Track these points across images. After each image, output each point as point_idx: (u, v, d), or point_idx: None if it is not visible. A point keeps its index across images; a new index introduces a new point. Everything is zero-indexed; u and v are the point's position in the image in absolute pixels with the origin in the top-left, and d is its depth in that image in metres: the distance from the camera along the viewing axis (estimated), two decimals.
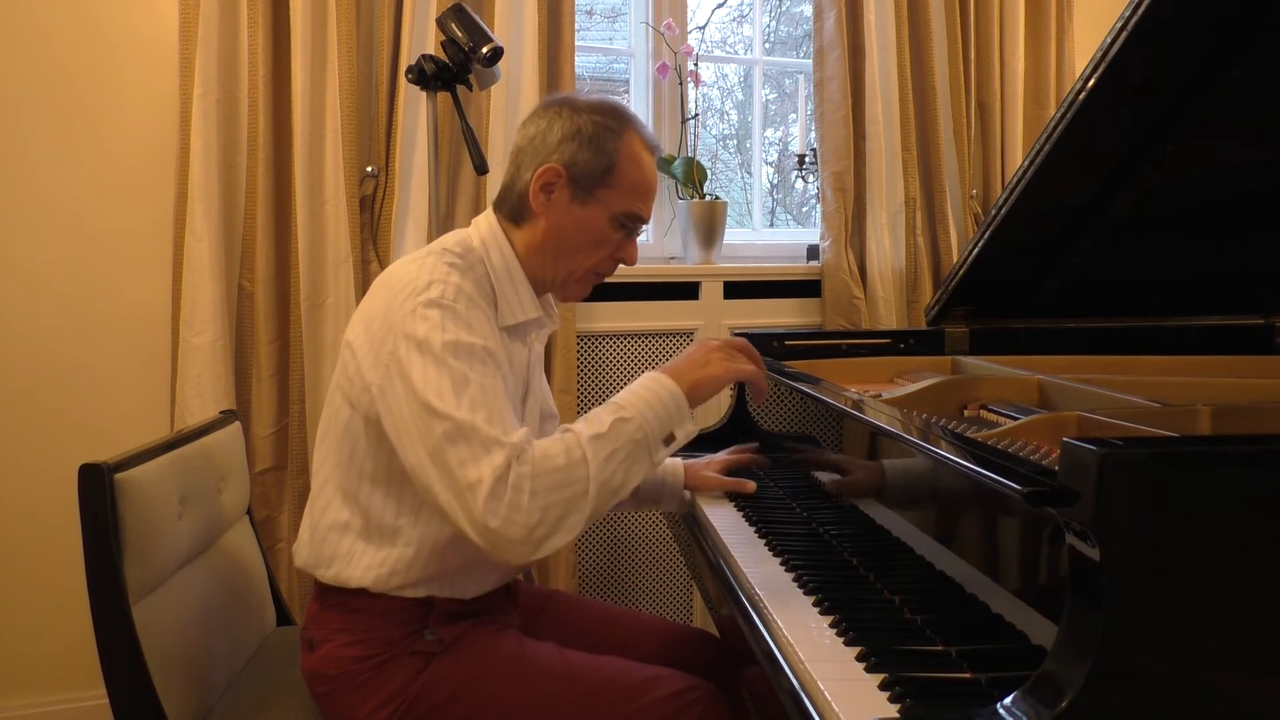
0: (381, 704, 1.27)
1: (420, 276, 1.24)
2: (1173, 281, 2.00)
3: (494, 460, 1.13)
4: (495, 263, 1.33)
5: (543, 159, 1.30)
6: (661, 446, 1.22)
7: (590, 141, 1.29)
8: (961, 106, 2.72)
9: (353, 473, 1.29)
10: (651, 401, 1.22)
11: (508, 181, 1.36)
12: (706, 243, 2.60)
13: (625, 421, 1.20)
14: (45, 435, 2.18)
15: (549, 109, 1.33)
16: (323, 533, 1.31)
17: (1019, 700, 0.81)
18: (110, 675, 1.24)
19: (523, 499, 1.12)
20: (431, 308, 1.20)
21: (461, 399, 1.15)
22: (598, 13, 3.06)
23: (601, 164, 1.29)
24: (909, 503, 1.29)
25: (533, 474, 1.13)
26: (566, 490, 1.15)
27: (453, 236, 1.35)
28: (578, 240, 1.33)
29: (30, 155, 2.15)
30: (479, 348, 1.20)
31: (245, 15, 2.15)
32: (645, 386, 1.24)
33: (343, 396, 1.30)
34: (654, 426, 1.21)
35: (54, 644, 2.18)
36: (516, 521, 1.12)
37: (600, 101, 1.33)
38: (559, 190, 1.30)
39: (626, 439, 1.19)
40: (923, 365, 1.95)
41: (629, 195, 1.32)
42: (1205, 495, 0.81)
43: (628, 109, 1.36)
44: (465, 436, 1.13)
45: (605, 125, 1.30)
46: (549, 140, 1.30)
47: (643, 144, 1.33)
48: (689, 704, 1.25)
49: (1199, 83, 1.54)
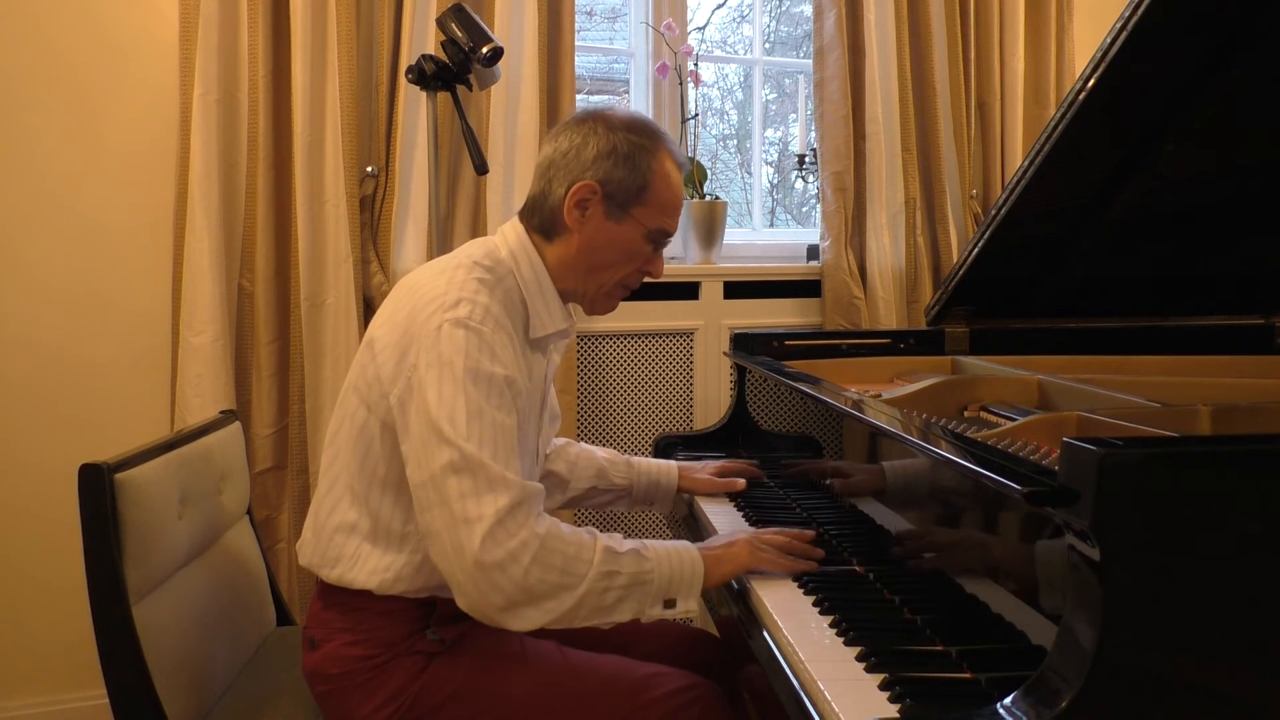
0: (383, 703, 1.27)
1: (449, 292, 1.23)
2: (1172, 281, 2.00)
3: (498, 500, 1.14)
4: (525, 275, 1.33)
5: (577, 175, 1.30)
6: (659, 603, 1.23)
7: (626, 160, 1.30)
8: (961, 106, 2.72)
9: (364, 475, 1.29)
10: (673, 560, 1.24)
11: (537, 194, 1.35)
12: (706, 243, 2.60)
13: (642, 559, 1.22)
14: (45, 435, 2.18)
15: (583, 124, 1.33)
16: (329, 533, 1.31)
17: (1019, 700, 0.81)
18: (110, 675, 1.24)
19: (524, 556, 1.14)
20: (458, 328, 1.20)
21: (472, 430, 1.16)
22: (598, 13, 3.06)
23: (636, 182, 1.30)
24: (909, 503, 1.29)
25: (542, 543, 1.15)
26: (561, 576, 1.16)
27: (479, 247, 1.34)
28: (610, 256, 1.34)
29: (30, 155, 2.15)
30: (499, 378, 1.20)
31: (245, 15, 2.15)
32: (675, 547, 1.27)
33: (359, 399, 1.29)
34: (663, 582, 1.23)
35: (54, 644, 2.18)
36: (510, 572, 1.13)
37: (634, 119, 1.34)
38: (593, 207, 1.31)
39: (632, 574, 1.21)
40: (923, 365, 1.95)
41: (660, 212, 1.34)
42: (1205, 495, 0.81)
43: (659, 127, 1.37)
44: (470, 470, 1.14)
45: (640, 144, 1.31)
46: (584, 157, 1.30)
47: (674, 162, 1.35)
48: (689, 702, 1.25)
49: (1198, 83, 1.54)
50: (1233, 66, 1.50)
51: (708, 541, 1.33)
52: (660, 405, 2.56)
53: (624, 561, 1.20)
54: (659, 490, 1.72)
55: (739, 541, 1.30)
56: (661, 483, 1.72)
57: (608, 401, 2.53)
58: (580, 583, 1.17)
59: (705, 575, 1.25)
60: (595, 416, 2.52)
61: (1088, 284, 2.00)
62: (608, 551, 1.20)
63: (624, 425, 2.54)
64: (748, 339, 2.14)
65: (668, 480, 1.72)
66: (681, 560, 1.25)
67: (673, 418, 2.58)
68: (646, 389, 2.56)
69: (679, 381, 2.58)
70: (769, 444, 1.98)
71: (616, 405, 2.54)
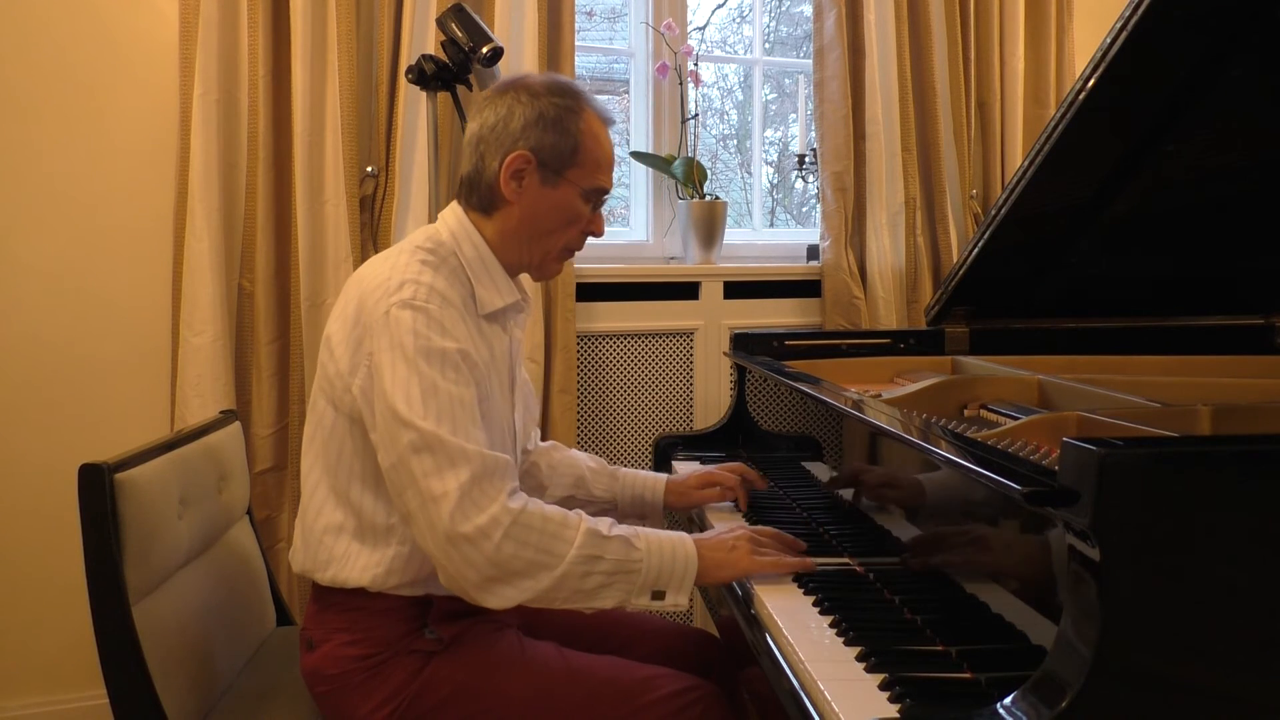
0: (381, 703, 1.27)
1: (393, 277, 1.25)
2: (1172, 281, 2.00)
3: (460, 475, 1.15)
4: (468, 253, 1.34)
5: (509, 147, 1.31)
6: (646, 594, 1.22)
7: (554, 124, 1.31)
8: (961, 106, 2.72)
9: (342, 474, 1.30)
10: (665, 552, 1.23)
11: (471, 172, 1.35)
12: (706, 243, 2.60)
13: (631, 547, 1.21)
14: (45, 435, 2.18)
15: (504, 95, 1.33)
16: (317, 536, 1.31)
17: (1019, 700, 0.81)
18: (110, 675, 1.24)
19: (495, 531, 1.14)
20: (405, 309, 1.21)
21: (428, 407, 1.17)
22: (598, 13, 3.06)
23: (568, 145, 1.31)
24: (909, 502, 1.29)
25: (515, 519, 1.15)
26: (537, 554, 1.16)
27: (421, 233, 1.36)
28: (552, 221, 1.35)
29: (30, 154, 2.14)
30: (452, 352, 1.21)
31: (245, 15, 2.15)
32: (670, 538, 1.25)
33: (325, 400, 1.30)
34: (652, 573, 1.22)
35: (54, 644, 2.18)
36: (482, 547, 1.14)
37: (553, 81, 1.35)
38: (529, 176, 1.31)
39: (618, 561, 1.20)
40: (923, 365, 1.95)
41: (594, 170, 1.34)
42: (1205, 495, 0.81)
43: (579, 86, 1.37)
44: (430, 448, 1.15)
45: (565, 106, 1.32)
46: (512, 127, 1.31)
47: (599, 119, 1.36)
48: (689, 703, 1.25)
49: (1199, 83, 1.54)
50: (1233, 66, 1.50)
51: (706, 534, 1.31)
52: (660, 405, 2.56)
53: (610, 547, 1.20)
54: (644, 505, 1.65)
55: (740, 547, 1.28)
56: (646, 499, 1.65)
57: (608, 401, 2.53)
58: (559, 563, 1.17)
59: (701, 574, 1.25)
60: (595, 417, 2.52)
61: (1088, 284, 2.00)
62: (591, 534, 1.19)
63: (624, 425, 2.54)
64: (748, 339, 2.14)
65: (653, 497, 1.65)
66: (675, 553, 1.24)
67: (673, 418, 2.58)
68: (646, 389, 2.55)
69: (679, 381, 2.58)
70: (769, 444, 1.98)
71: (616, 405, 2.54)
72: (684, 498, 1.66)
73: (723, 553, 1.28)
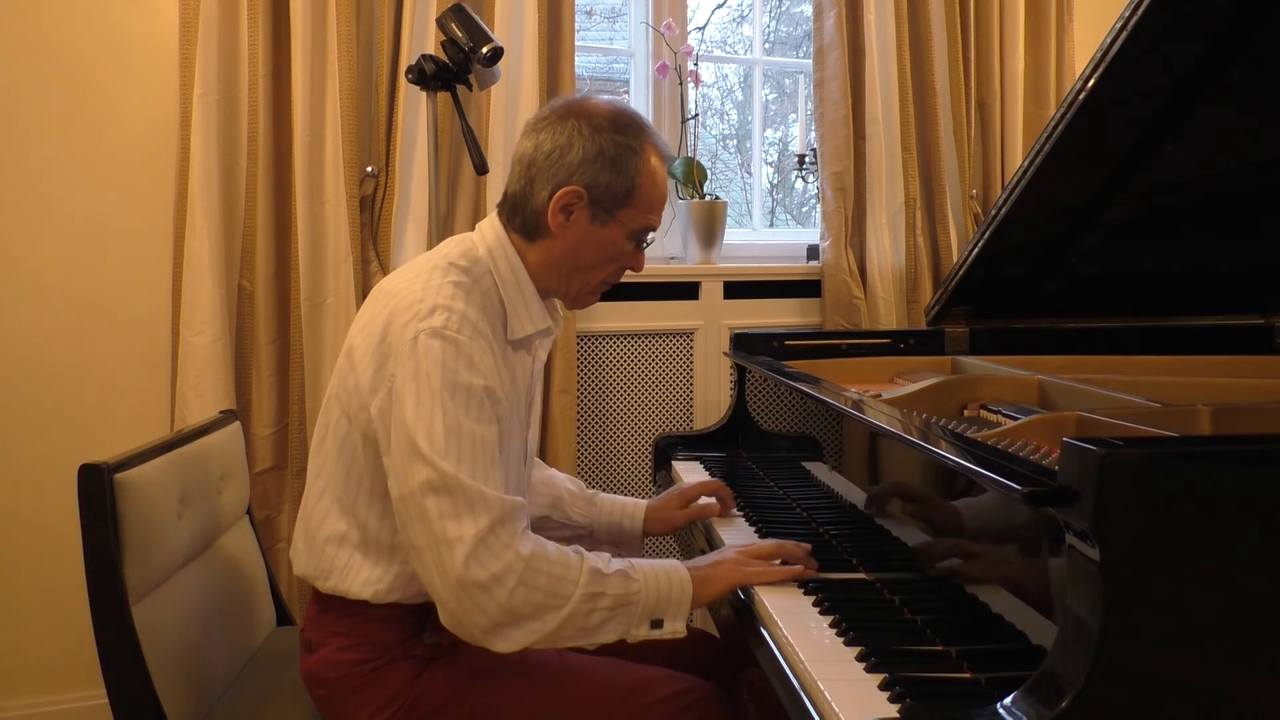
0: (380, 707, 1.27)
1: (425, 299, 1.21)
2: (1172, 281, 2.00)
3: (478, 521, 1.13)
4: (504, 274, 1.30)
5: (562, 180, 1.26)
6: (645, 624, 1.21)
7: (612, 163, 1.26)
8: (961, 106, 2.72)
9: (350, 487, 1.28)
10: (661, 581, 1.22)
11: (518, 194, 1.30)
12: (706, 243, 2.60)
13: (629, 580, 1.20)
14: (45, 435, 2.18)
15: (565, 122, 1.27)
16: (320, 544, 1.30)
17: (1019, 700, 0.81)
18: (110, 675, 1.24)
19: (509, 579, 1.13)
20: (435, 339, 1.18)
21: (450, 446, 1.14)
22: (598, 13, 3.06)
23: (623, 185, 1.27)
24: (909, 502, 1.29)
25: (527, 564, 1.14)
26: (546, 597, 1.15)
27: (456, 246, 1.32)
28: (594, 257, 1.31)
29: (30, 155, 2.14)
30: (478, 389, 1.19)
31: (245, 15, 2.15)
32: (663, 567, 1.24)
33: (340, 410, 1.28)
34: (649, 603, 1.21)
35: (54, 644, 2.18)
36: (495, 594, 1.12)
37: (617, 114, 1.29)
38: (578, 212, 1.28)
39: (618, 595, 1.19)
40: (923, 365, 1.95)
41: (645, 211, 1.31)
42: (1205, 495, 0.81)
43: (642, 119, 1.32)
44: (449, 490, 1.13)
45: (626, 145, 1.27)
46: (568, 160, 1.26)
47: (659, 156, 1.32)
48: (689, 705, 1.25)
49: (1199, 82, 1.54)
50: (1232, 66, 1.50)
51: (696, 560, 1.30)
52: (660, 405, 2.56)
53: (610, 583, 1.18)
54: (622, 534, 1.61)
55: (725, 561, 1.28)
56: (625, 526, 1.61)
57: (608, 402, 2.53)
58: (565, 604, 1.15)
59: (694, 595, 1.24)
60: (595, 417, 2.52)
61: (1088, 284, 2.00)
62: (594, 572, 1.18)
63: (624, 425, 2.54)
64: (748, 339, 2.14)
65: (631, 525, 1.61)
66: (670, 581, 1.22)
67: (673, 418, 2.58)
68: (646, 389, 2.55)
69: (679, 381, 2.58)
70: (769, 444, 1.98)
71: (616, 405, 2.54)
72: (666, 521, 1.63)
73: (708, 568, 1.27)
